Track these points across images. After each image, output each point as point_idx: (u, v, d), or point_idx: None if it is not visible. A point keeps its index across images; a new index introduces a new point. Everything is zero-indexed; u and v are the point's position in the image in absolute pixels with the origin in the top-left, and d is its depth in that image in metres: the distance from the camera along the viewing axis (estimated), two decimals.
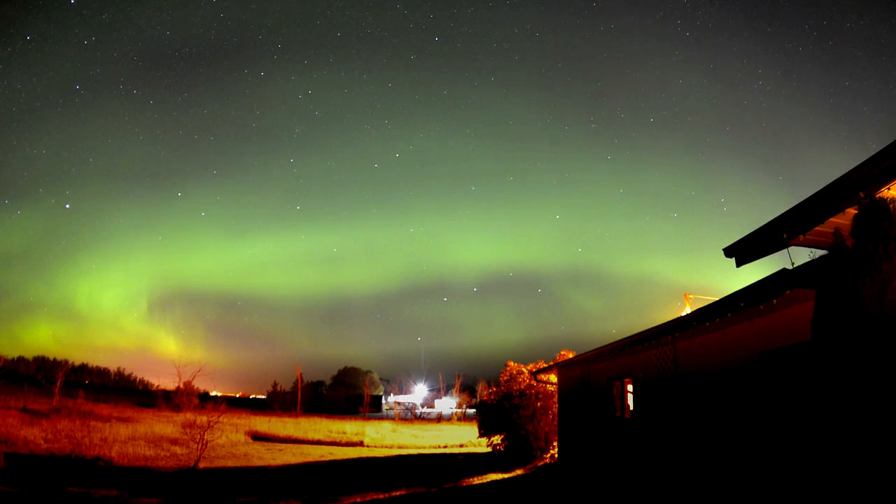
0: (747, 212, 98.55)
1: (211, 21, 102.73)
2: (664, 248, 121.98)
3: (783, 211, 3.93)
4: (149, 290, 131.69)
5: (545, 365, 14.42)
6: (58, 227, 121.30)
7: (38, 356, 72.60)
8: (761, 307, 5.35)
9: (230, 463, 13.20)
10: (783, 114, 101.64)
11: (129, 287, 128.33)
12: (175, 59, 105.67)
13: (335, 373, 72.98)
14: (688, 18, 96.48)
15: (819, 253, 4.37)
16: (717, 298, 5.81)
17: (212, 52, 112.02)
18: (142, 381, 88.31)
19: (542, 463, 13.57)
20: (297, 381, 48.77)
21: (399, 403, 55.12)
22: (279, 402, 48.36)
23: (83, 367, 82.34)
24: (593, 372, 10.91)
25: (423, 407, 62.18)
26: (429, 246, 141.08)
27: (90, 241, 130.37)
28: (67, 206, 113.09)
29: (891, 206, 3.47)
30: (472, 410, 44.24)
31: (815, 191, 3.68)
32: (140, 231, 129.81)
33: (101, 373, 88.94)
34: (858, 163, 3.34)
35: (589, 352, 10.36)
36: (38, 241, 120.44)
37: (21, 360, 68.33)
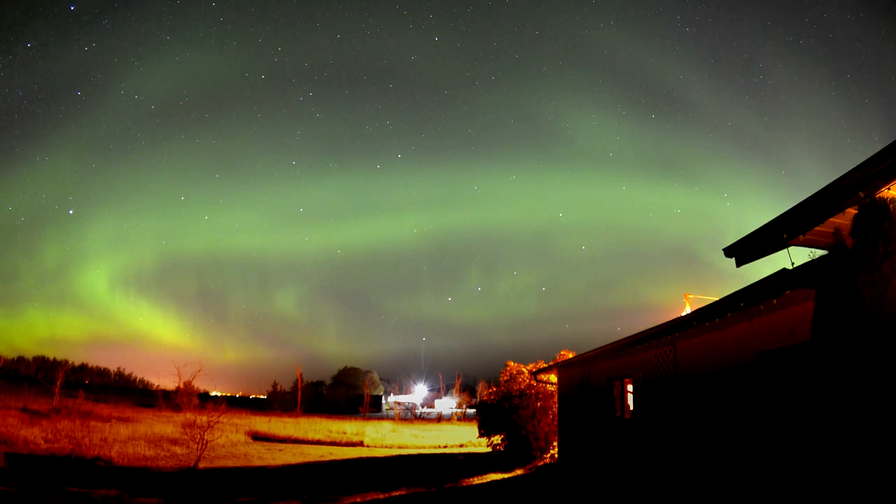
0: (750, 207, 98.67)
1: (211, 25, 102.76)
2: (667, 246, 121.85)
3: (786, 206, 3.94)
4: (152, 293, 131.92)
5: (545, 365, 14.41)
6: (61, 232, 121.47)
7: (38, 356, 72.56)
8: (761, 307, 5.35)
9: (230, 463, 13.19)
10: (784, 108, 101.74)
11: (133, 290, 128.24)
12: (176, 63, 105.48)
13: (335, 373, 73.07)
14: (688, 14, 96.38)
15: (819, 253, 4.37)
16: (717, 298, 5.81)
17: (212, 56, 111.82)
18: (142, 380, 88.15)
19: (542, 463, 13.57)
20: (297, 381, 48.74)
21: (399, 403, 55.08)
22: (279, 401, 48.31)
23: (83, 367, 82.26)
24: (593, 372, 10.90)
25: (423, 407, 62.12)
26: (432, 246, 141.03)
27: (93, 246, 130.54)
28: (71, 211, 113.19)
29: (891, 206, 3.47)
30: (472, 410, 44.21)
31: (816, 188, 3.68)
32: (143, 235, 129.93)
33: (101, 373, 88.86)
34: (860, 158, 3.34)
35: (589, 352, 10.36)
36: (42, 247, 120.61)
37: (21, 360, 68.32)
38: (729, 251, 4.47)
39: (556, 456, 13.37)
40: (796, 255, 4.30)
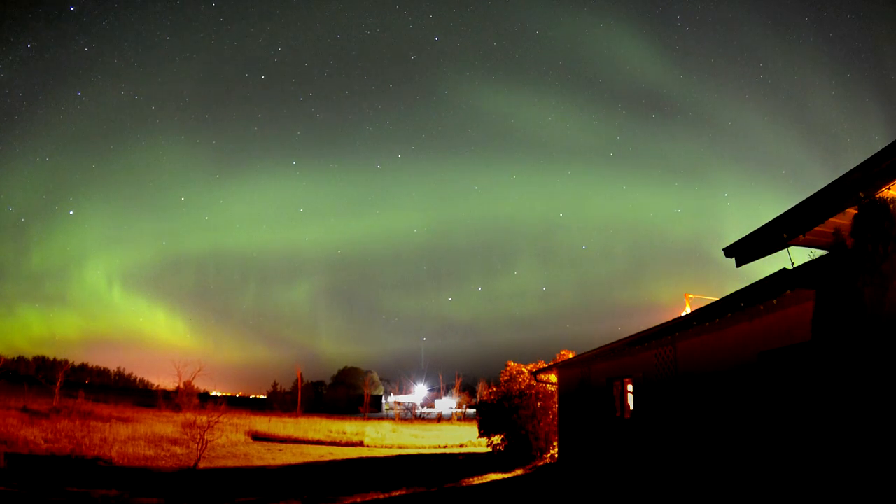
0: (750, 207, 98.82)
1: (211, 26, 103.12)
2: (667, 246, 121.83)
3: (786, 206, 3.94)
4: (152, 293, 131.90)
5: (545, 365, 14.41)
6: (61, 232, 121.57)
7: (38, 356, 72.68)
8: (761, 307, 5.35)
9: (230, 463, 13.19)
10: (784, 107, 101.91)
11: (133, 290, 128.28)
12: (176, 64, 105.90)
13: (335, 373, 73.03)
14: (687, 13, 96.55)
15: (819, 253, 4.36)
16: (717, 298, 5.81)
17: (212, 57, 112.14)
18: (142, 380, 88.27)
19: (542, 463, 13.57)
20: (297, 380, 48.75)
21: (399, 403, 55.06)
22: (279, 401, 48.33)
23: (83, 367, 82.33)
24: (593, 372, 10.90)
25: (423, 407, 62.10)
26: (432, 245, 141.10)
27: (93, 246, 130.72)
28: (71, 212, 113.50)
29: (891, 206, 3.47)
30: (472, 410, 44.19)
31: (816, 187, 3.68)
32: (143, 235, 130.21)
33: (101, 373, 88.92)
34: (860, 158, 3.34)
35: (589, 352, 10.36)
36: (42, 247, 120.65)
37: (21, 359, 68.38)
38: (729, 251, 4.47)
39: (556, 456, 13.37)
40: (796, 255, 4.30)
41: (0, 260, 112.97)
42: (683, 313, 12.52)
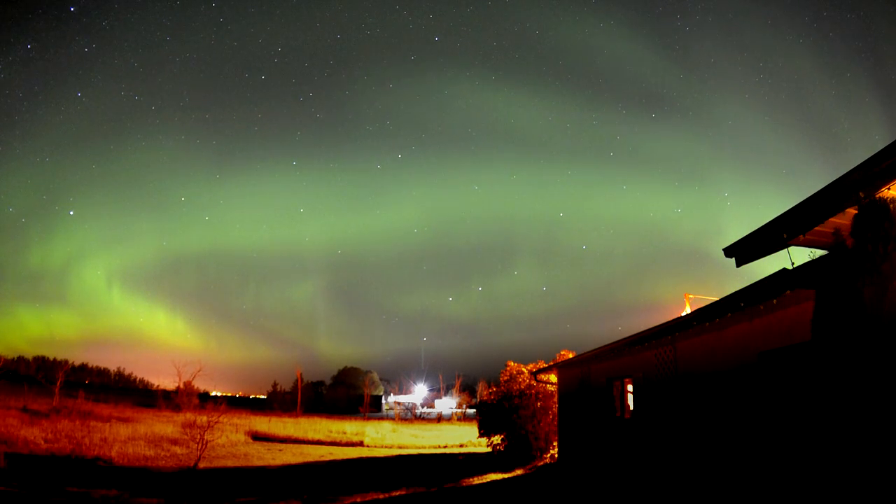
0: (750, 207, 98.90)
1: (211, 26, 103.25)
2: (667, 245, 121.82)
3: (786, 206, 3.94)
4: (152, 293, 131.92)
5: (545, 365, 14.41)
6: (61, 232, 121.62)
7: (39, 356, 72.64)
8: (761, 307, 5.35)
9: (230, 463, 13.19)
10: (784, 107, 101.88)
11: (133, 290, 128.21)
12: (176, 64, 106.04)
13: (335, 373, 73.06)
14: (687, 14, 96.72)
15: (819, 253, 4.36)
16: (717, 298, 5.81)
17: (212, 57, 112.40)
18: (142, 380, 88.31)
19: (542, 463, 13.57)
20: (297, 381, 48.75)
21: (399, 403, 55.06)
22: (279, 402, 48.34)
23: (83, 367, 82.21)
24: (593, 372, 10.90)
25: (423, 407, 62.09)
26: (432, 245, 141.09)
27: (94, 246, 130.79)
28: (71, 212, 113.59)
29: (891, 206, 3.47)
30: (472, 410, 44.18)
31: (816, 187, 3.68)
32: (143, 235, 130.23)
33: (101, 373, 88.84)
34: (860, 157, 3.35)
35: (589, 352, 10.36)
36: (42, 247, 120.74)
37: (21, 359, 68.36)
38: (729, 251, 4.47)
39: (556, 456, 13.37)
40: (796, 255, 4.30)
41: (0, 260, 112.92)
42: (683, 313, 12.52)
